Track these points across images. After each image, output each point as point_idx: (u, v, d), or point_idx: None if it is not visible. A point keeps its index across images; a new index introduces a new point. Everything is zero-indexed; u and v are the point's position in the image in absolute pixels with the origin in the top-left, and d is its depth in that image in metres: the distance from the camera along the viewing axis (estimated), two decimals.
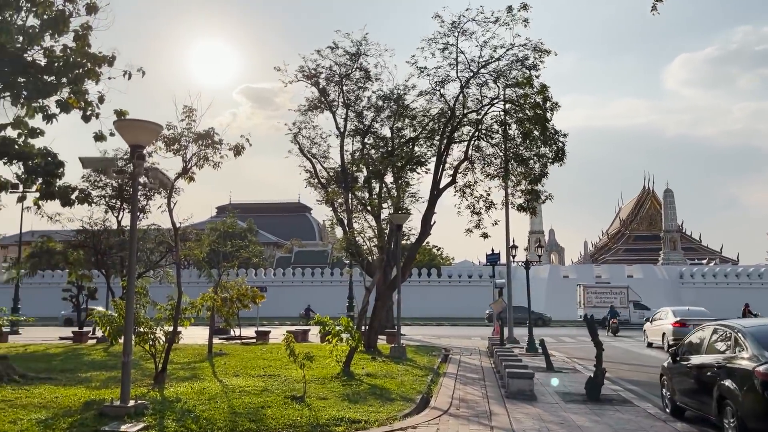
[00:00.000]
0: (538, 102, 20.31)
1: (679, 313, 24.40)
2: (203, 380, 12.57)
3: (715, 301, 49.05)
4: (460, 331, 36.29)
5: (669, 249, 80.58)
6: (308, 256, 69.47)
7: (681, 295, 52.84)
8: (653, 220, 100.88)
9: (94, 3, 25.01)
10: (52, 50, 24.17)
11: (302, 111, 27.13)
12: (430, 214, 20.31)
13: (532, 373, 11.01)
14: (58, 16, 24.09)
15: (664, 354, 23.53)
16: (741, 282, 54.72)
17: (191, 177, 12.96)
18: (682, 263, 69.09)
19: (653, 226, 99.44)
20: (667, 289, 53.99)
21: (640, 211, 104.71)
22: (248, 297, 24.04)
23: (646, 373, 16.44)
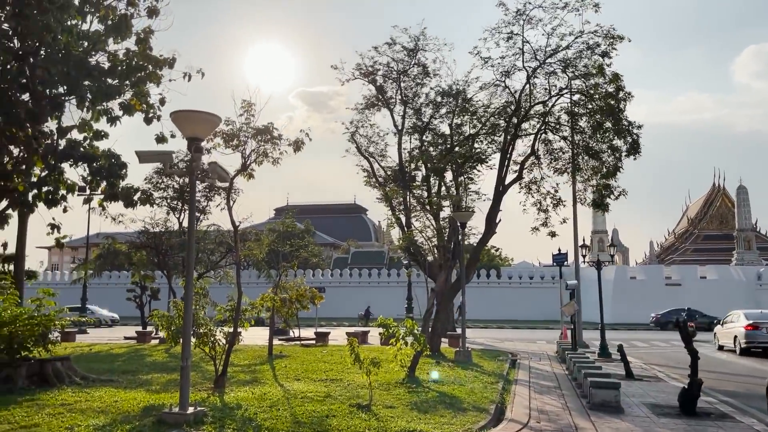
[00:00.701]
0: (611, 92, 19.12)
1: (751, 316, 23.71)
2: (264, 384, 12.10)
3: None
4: (522, 335, 35.04)
5: (743, 249, 76.46)
6: (365, 256, 69.21)
7: (759, 297, 49.78)
8: (724, 219, 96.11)
9: (155, 6, 25.21)
10: (115, 54, 24.56)
11: (359, 110, 26.69)
12: (495, 212, 19.39)
13: (618, 383, 10.02)
14: (120, 21, 24.40)
15: (746, 359, 22.19)
16: None
17: (250, 174, 12.55)
18: (757, 263, 65.24)
19: (724, 224, 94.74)
20: (743, 291, 50.96)
21: (709, 209, 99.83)
22: (307, 298, 23.72)
23: (738, 383, 15.06)
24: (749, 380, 15.71)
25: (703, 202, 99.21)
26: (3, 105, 21.40)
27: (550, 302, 52.07)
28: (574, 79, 19.63)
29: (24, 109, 21.63)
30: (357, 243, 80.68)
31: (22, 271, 26.33)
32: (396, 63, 25.50)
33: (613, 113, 18.66)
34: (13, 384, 10.35)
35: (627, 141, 18.56)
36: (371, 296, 53.30)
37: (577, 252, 26.52)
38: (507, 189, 20.04)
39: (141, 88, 24.59)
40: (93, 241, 42.26)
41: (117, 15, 23.78)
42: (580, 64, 19.26)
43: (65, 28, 19.95)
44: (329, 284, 50.85)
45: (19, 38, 22.01)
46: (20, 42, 22.19)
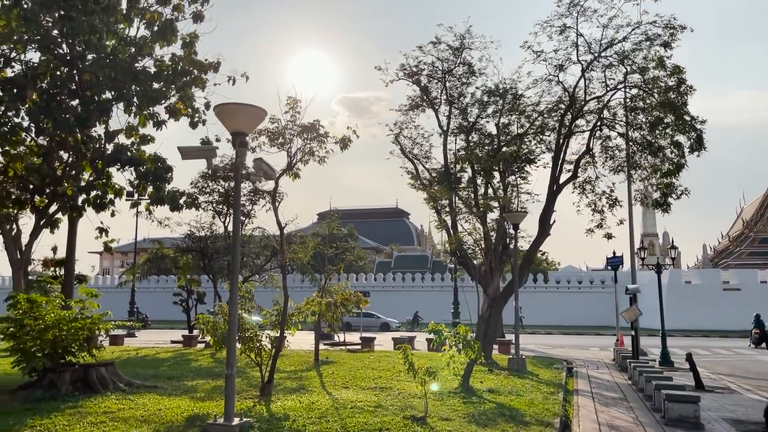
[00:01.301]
0: (671, 85, 18.05)
1: None
2: (311, 392, 11.60)
3: None
4: (573, 341, 33.79)
5: None
6: (408, 260, 68.54)
7: None
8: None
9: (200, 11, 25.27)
10: (161, 60, 24.65)
11: (403, 111, 26.17)
12: (549, 213, 18.52)
13: (697, 396, 9.12)
14: (166, 26, 24.47)
15: None
16: None
17: (296, 174, 12.10)
18: None
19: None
20: None
21: (766, 211, 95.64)
22: (352, 302, 23.24)
23: None
24: None
25: (759, 204, 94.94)
26: (52, 110, 21.68)
27: (600, 307, 50.47)
28: (632, 74, 18.63)
29: (73, 114, 21.88)
30: (399, 247, 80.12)
31: (71, 275, 26.63)
32: (441, 62, 24.90)
33: (674, 108, 17.59)
34: (56, 390, 10.10)
35: (690, 136, 17.46)
36: (415, 301, 52.62)
37: (633, 255, 25.33)
38: (561, 188, 19.14)
39: (186, 92, 24.67)
40: (142, 246, 42.87)
41: (163, 20, 23.97)
42: (639, 57, 18.26)
43: (111, 29, 20.03)
44: (372, 288, 50.38)
45: (66, 42, 22.28)
46: (68, 47, 22.48)
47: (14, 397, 10.04)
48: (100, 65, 21.38)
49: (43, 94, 21.91)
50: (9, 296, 10.68)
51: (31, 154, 24.00)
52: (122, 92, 23.55)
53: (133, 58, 22.89)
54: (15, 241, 22.86)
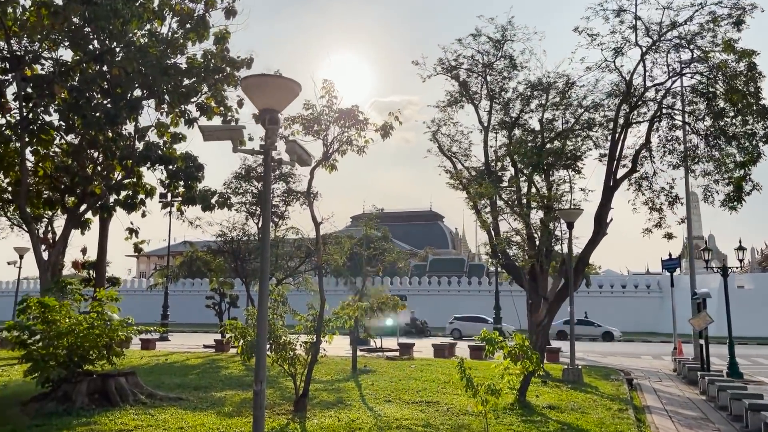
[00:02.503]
0: (740, 71, 16.41)
1: None
2: (350, 407, 10.43)
3: None
4: (621, 348, 31.93)
5: None
6: (443, 264, 67.05)
7: None
8: None
9: (232, 6, 24.39)
10: (193, 57, 23.90)
11: (441, 107, 24.95)
12: (605, 210, 17.03)
13: None
14: (198, 22, 23.67)
15: None
16: None
17: (333, 165, 10.97)
18: None
19: None
20: None
21: None
22: (389, 306, 22.12)
23: None
24: None
25: None
26: (82, 107, 21.12)
27: (645, 313, 48.32)
28: (697, 61, 17.04)
29: (103, 112, 21.30)
30: (434, 250, 78.63)
31: (102, 278, 26.12)
32: (481, 56, 23.63)
33: (743, 95, 15.96)
34: (71, 403, 9.13)
35: (765, 125, 15.81)
36: (453, 304, 51.13)
37: (692, 257, 23.59)
38: (619, 184, 17.64)
39: (219, 88, 23.91)
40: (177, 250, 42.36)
41: (195, 17, 23.26)
42: (705, 40, 16.68)
43: (135, 14, 19.29)
44: (408, 292, 49.11)
45: (96, 38, 21.68)
46: (99, 44, 21.89)
47: (26, 410, 9.11)
48: (129, 59, 20.74)
49: (73, 90, 21.40)
50: (21, 300, 9.79)
51: (61, 153, 23.58)
52: (152, 89, 22.90)
53: (163, 53, 22.23)
54: (44, 241, 22.36)
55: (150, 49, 21.49)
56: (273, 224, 26.72)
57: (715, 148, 17.42)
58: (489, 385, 7.85)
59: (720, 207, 17.68)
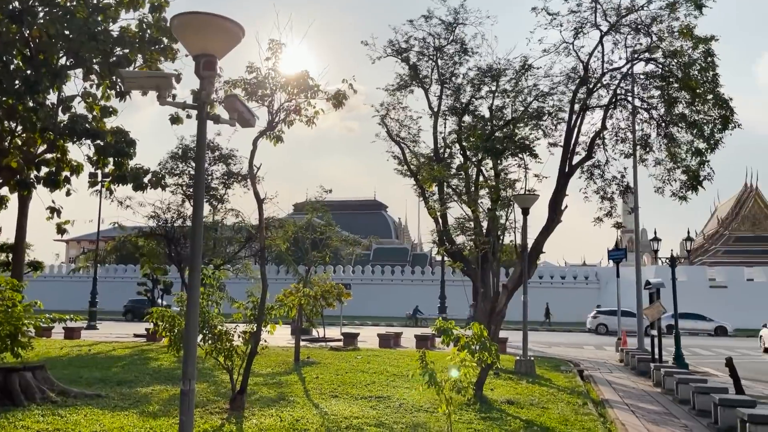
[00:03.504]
0: (695, 58, 16.15)
1: None
2: (294, 404, 9.43)
3: None
4: (562, 338, 31.97)
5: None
6: (387, 253, 66.56)
7: None
8: (757, 220, 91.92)
9: None
10: (127, 27, 22.03)
11: (390, 91, 24.12)
12: (560, 197, 16.54)
13: None
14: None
15: None
16: None
17: (278, 136, 9.87)
18: None
19: (756, 226, 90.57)
20: None
21: (741, 210, 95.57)
22: (333, 294, 21.15)
23: None
24: None
25: (734, 203, 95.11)
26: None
27: (585, 303, 49.01)
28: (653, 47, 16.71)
29: (21, 79, 19.32)
30: (378, 239, 78.00)
31: (21, 262, 23.88)
32: (433, 38, 22.95)
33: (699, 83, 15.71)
34: None
35: (719, 113, 15.59)
36: (396, 294, 50.73)
37: (638, 248, 23.60)
38: (574, 170, 17.17)
39: (155, 58, 22.13)
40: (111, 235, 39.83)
41: None
42: (663, 25, 16.34)
43: None
44: (351, 281, 48.21)
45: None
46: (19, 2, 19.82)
47: None
48: (51, 21, 18.85)
49: None
50: None
51: None
52: (79, 56, 21.00)
53: (91, 16, 20.32)
54: None
55: (77, 13, 19.63)
56: (212, 207, 25.25)
57: (668, 137, 17.21)
58: (455, 382, 7.00)
59: (671, 197, 17.52)
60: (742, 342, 31.32)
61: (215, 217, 24.69)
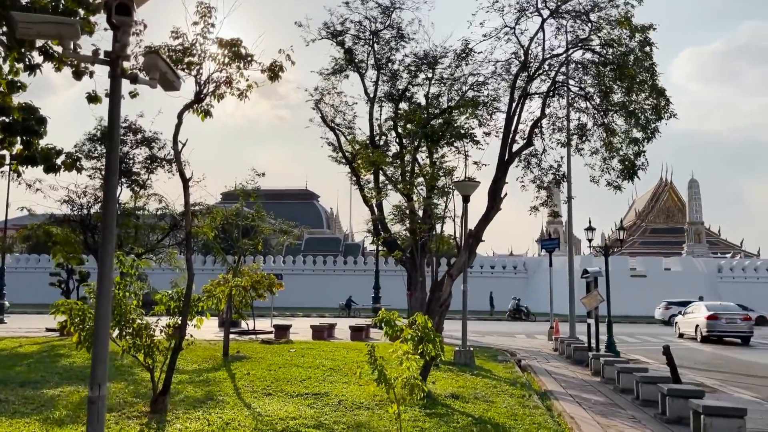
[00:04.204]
0: (632, 47, 16.20)
1: (711, 307, 26.21)
2: (223, 404, 8.60)
3: (754, 295, 45.67)
4: (494, 327, 32.19)
5: (694, 242, 76.49)
6: (318, 243, 65.59)
7: (720, 288, 49.18)
8: (670, 213, 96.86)
9: None
10: None
11: (325, 75, 23.33)
12: (500, 185, 16.23)
13: (743, 409, 7.02)
14: None
15: (713, 347, 22.78)
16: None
17: (207, 110, 8.93)
18: (706, 256, 65.03)
19: (670, 218, 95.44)
20: (705, 283, 50.12)
21: (656, 203, 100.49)
22: (264, 285, 20.23)
23: None
24: None
25: (650, 196, 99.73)
26: None
27: (513, 292, 49.81)
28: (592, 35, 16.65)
29: None
30: (309, 229, 76.85)
31: None
32: (369, 22, 22.33)
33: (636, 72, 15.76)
34: None
35: (653, 102, 15.71)
36: (329, 284, 49.98)
37: (570, 237, 23.84)
38: (514, 158, 16.92)
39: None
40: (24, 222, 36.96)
41: None
42: (603, 12, 16.29)
43: None
44: (282, 271, 47.05)
45: None
46: None
47: None
48: None
49: None
50: None
51: None
52: None
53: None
54: None
55: None
56: (133, 193, 23.68)
57: (604, 126, 17.26)
58: (407, 379, 6.41)
59: (606, 186, 17.62)
60: (661, 329, 32.48)
61: (137, 202, 23.15)
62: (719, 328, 24.61)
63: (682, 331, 27.68)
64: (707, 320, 24.85)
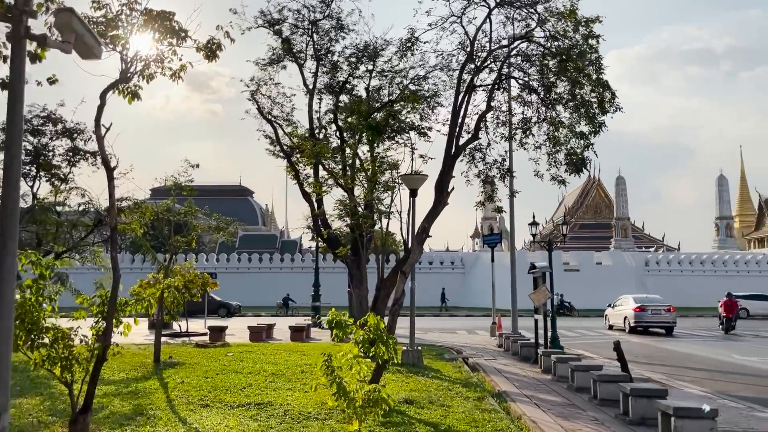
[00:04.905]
0: (576, 41, 16.10)
1: (638, 300, 27.02)
2: (155, 419, 7.70)
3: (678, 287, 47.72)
4: (433, 323, 31.94)
5: (620, 237, 79.26)
6: (254, 240, 63.91)
7: (647, 282, 51.09)
8: (598, 209, 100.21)
9: None
10: None
11: (261, 65, 22.49)
12: (446, 179, 15.80)
13: (715, 410, 6.73)
14: None
15: (642, 338, 23.42)
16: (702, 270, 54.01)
17: (135, 92, 7.96)
18: (632, 250, 67.61)
19: (598, 214, 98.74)
20: (633, 277, 51.92)
21: (585, 199, 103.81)
22: (197, 284, 19.11)
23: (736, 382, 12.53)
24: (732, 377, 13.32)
25: (579, 193, 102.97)
26: None
27: (451, 288, 50.02)
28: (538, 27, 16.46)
29: None
30: (244, 226, 74.90)
31: None
32: (308, 11, 21.64)
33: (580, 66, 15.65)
34: None
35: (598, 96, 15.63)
36: (266, 283, 48.66)
37: (512, 233, 23.78)
38: (461, 151, 16.54)
39: None
40: None
41: None
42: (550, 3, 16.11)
43: None
44: (216, 269, 45.41)
45: None
46: None
47: None
48: None
49: None
50: None
51: None
52: None
53: None
54: None
55: None
56: (53, 187, 21.97)
57: (548, 120, 17.13)
58: (369, 392, 5.74)
59: (550, 181, 17.50)
60: (594, 322, 33.07)
61: (57, 197, 21.49)
62: (646, 319, 25.58)
63: (612, 323, 28.42)
64: (635, 312, 25.76)
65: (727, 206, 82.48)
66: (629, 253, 61.42)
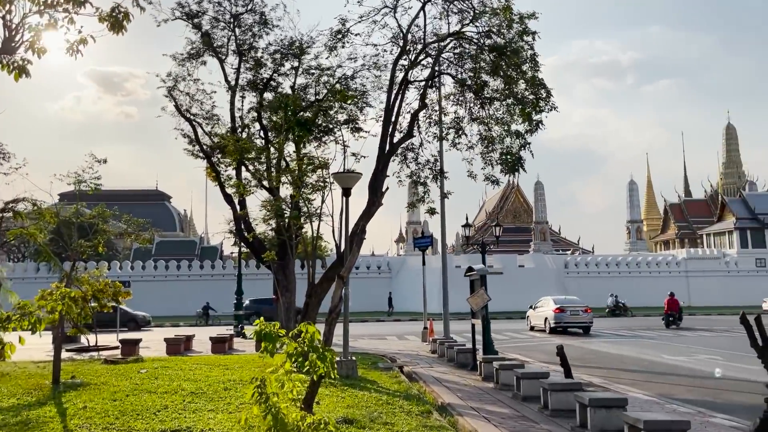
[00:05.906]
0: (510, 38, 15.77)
1: (558, 301, 27.70)
2: None
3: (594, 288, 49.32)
4: (361, 329, 31.10)
5: (540, 240, 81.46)
6: (171, 246, 61.00)
7: (567, 284, 52.58)
8: (517, 213, 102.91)
9: None
10: None
11: (179, 60, 21.14)
12: (381, 178, 15.03)
13: (687, 422, 6.19)
14: None
15: (563, 338, 23.59)
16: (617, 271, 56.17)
17: (23, 67, 6.68)
18: (551, 253, 69.53)
19: (517, 218, 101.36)
20: (555, 278, 53.29)
21: (505, 204, 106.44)
22: (108, 294, 17.49)
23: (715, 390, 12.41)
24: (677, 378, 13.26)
25: (500, 197, 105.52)
26: None
27: (377, 293, 49.53)
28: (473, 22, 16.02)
29: None
30: (161, 232, 71.49)
31: None
32: (229, 3, 20.52)
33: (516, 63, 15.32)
34: None
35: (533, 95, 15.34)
36: (184, 291, 46.38)
37: (444, 236, 23.31)
38: (395, 149, 15.83)
39: None
40: None
41: None
42: None
43: None
44: (131, 278, 42.75)
45: None
46: None
47: None
48: None
49: None
50: None
51: None
52: None
53: None
54: None
55: None
56: None
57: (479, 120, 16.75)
58: (316, 425, 4.78)
59: (484, 181, 17.10)
60: (519, 324, 33.26)
61: None
62: (565, 319, 26.33)
63: (533, 324, 29.00)
64: (555, 313, 26.48)
65: (637, 210, 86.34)
66: (550, 255, 62.91)
